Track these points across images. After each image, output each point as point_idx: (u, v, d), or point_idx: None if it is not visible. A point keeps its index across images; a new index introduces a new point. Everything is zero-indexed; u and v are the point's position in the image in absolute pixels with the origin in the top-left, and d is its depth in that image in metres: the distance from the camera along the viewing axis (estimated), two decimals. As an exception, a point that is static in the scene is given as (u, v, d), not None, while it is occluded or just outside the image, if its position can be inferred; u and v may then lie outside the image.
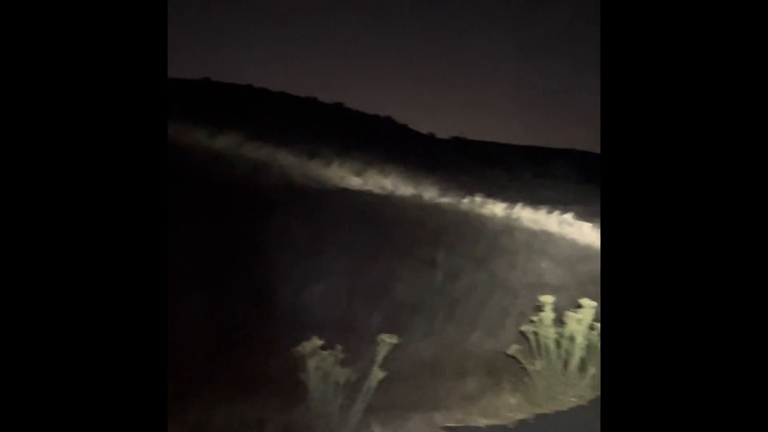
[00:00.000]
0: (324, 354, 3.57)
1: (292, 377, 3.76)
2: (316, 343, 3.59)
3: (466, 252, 8.20)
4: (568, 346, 4.37)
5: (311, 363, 3.59)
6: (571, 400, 4.35)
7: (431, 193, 11.45)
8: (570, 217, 14.33)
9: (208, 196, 7.36)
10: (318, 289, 5.99)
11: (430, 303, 6.34)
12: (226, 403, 3.96)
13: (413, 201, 10.51)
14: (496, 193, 13.54)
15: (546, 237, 10.90)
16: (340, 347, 3.60)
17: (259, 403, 3.94)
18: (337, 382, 3.57)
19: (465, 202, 11.66)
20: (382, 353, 3.62)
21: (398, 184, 10.92)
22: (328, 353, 3.57)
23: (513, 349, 4.34)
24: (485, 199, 12.40)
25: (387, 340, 3.61)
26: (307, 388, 3.66)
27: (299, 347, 3.61)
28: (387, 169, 11.48)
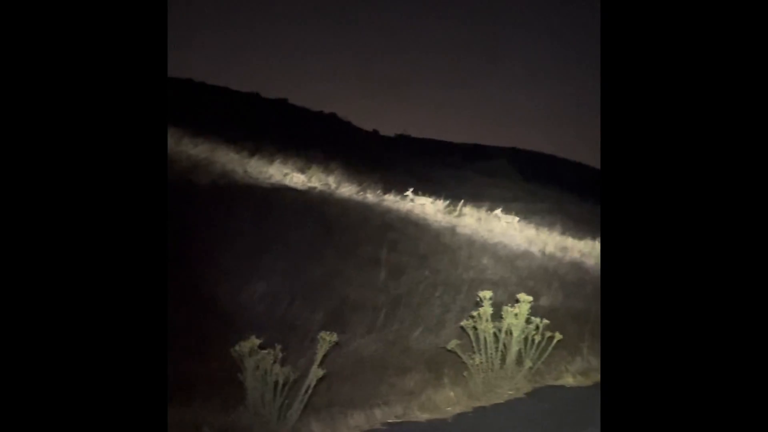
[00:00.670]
0: (263, 353, 3.52)
1: (231, 378, 3.69)
2: (254, 342, 3.52)
3: (409, 249, 8.26)
4: (506, 339, 4.48)
5: (249, 363, 3.53)
6: (509, 392, 4.46)
7: (375, 190, 11.47)
8: (512, 215, 14.68)
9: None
10: (260, 288, 5.89)
11: (373, 301, 6.35)
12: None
13: (357, 198, 10.50)
14: (439, 190, 13.71)
15: (488, 234, 11.12)
16: (279, 346, 3.55)
17: (197, 406, 3.84)
18: (276, 382, 3.52)
19: (409, 200, 11.74)
20: (321, 352, 3.60)
21: (342, 181, 10.89)
22: (266, 352, 3.51)
23: (453, 344, 4.41)
24: (429, 196, 12.54)
25: (327, 338, 3.59)
26: (246, 388, 3.60)
27: (237, 347, 3.54)
28: (331, 166, 11.42)
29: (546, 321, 4.50)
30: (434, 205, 11.53)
